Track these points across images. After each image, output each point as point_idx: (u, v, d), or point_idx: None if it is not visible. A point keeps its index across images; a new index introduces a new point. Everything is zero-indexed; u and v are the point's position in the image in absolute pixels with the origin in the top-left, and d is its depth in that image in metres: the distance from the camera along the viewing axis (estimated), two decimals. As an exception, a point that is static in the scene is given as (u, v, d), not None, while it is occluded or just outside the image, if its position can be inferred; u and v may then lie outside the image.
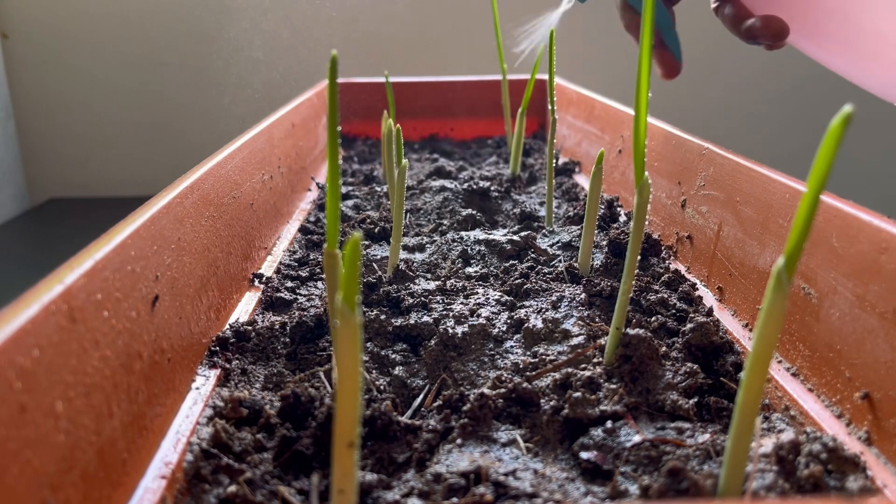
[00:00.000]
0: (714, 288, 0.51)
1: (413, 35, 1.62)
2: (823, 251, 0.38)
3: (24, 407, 0.23)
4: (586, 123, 0.90)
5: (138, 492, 0.29)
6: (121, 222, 0.34)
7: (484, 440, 0.34)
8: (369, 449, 0.33)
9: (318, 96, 0.97)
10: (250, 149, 0.60)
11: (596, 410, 0.35)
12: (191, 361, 0.39)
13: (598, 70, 1.58)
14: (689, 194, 0.57)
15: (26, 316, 0.24)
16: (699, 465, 0.31)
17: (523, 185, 0.81)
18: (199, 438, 0.33)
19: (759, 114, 1.65)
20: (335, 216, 0.31)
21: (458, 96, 1.15)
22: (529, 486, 0.30)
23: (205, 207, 0.45)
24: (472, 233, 0.63)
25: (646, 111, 0.35)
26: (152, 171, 1.64)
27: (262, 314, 0.48)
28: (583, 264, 0.53)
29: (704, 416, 0.37)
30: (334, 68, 0.27)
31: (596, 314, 0.46)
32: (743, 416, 0.27)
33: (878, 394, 0.32)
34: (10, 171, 1.57)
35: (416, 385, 0.41)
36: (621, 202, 0.70)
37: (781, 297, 0.26)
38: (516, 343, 0.43)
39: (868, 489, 0.29)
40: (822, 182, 0.24)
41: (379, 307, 0.47)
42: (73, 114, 1.61)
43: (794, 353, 0.40)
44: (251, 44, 1.59)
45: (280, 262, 0.57)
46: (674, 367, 0.39)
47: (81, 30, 1.57)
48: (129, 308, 0.32)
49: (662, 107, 1.14)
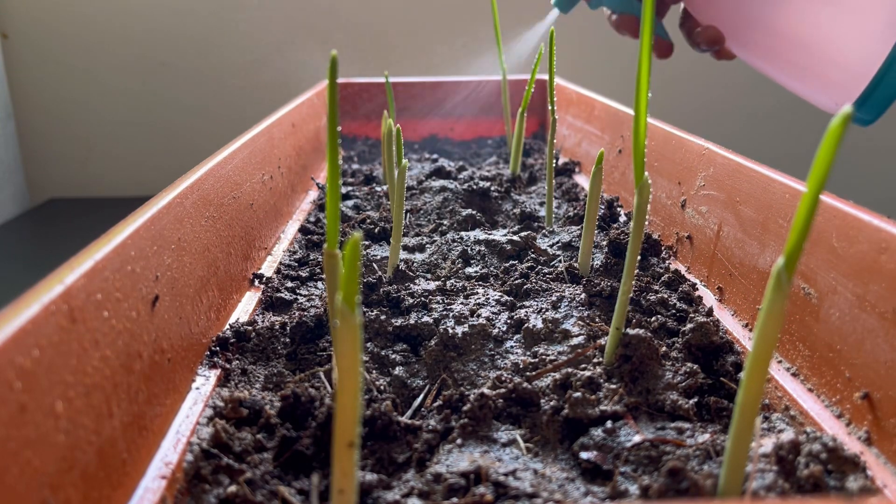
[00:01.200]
0: (714, 288, 0.51)
1: (413, 35, 1.62)
2: (823, 251, 0.38)
3: (24, 407, 0.23)
4: (586, 123, 0.90)
5: (138, 492, 0.29)
6: (121, 222, 0.34)
7: (484, 440, 0.34)
8: (369, 449, 0.33)
9: (318, 96, 0.97)
10: (250, 149, 0.60)
11: (596, 410, 0.35)
12: (191, 361, 0.39)
13: (598, 70, 1.58)
14: (689, 194, 0.57)
15: (26, 316, 0.24)
16: (699, 465, 0.31)
17: (523, 185, 0.81)
18: (199, 438, 0.33)
19: (759, 114, 1.65)
20: (335, 216, 0.31)
21: (458, 96, 1.15)
22: (529, 486, 0.30)
23: (205, 207, 0.45)
24: (472, 233, 0.63)
25: (646, 111, 0.35)
26: (152, 171, 1.64)
27: (262, 314, 0.48)
28: (583, 264, 0.53)
29: (704, 416, 0.37)
30: (334, 68, 0.27)
31: (596, 314, 0.46)
32: (743, 416, 0.27)
33: (878, 394, 0.32)
34: (10, 171, 1.57)
35: (416, 385, 0.41)
36: (621, 202, 0.70)
37: (781, 297, 0.26)
38: (516, 343, 0.43)
39: (868, 489, 0.29)
40: (822, 182, 0.24)
41: (379, 307, 0.48)
42: (73, 114, 1.61)
43: (794, 353, 0.40)
44: (251, 44, 1.60)
45: (280, 263, 0.57)
46: (674, 367, 0.39)
47: (81, 30, 1.57)
48: (130, 308, 0.32)
49: (662, 107, 1.14)
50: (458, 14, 1.60)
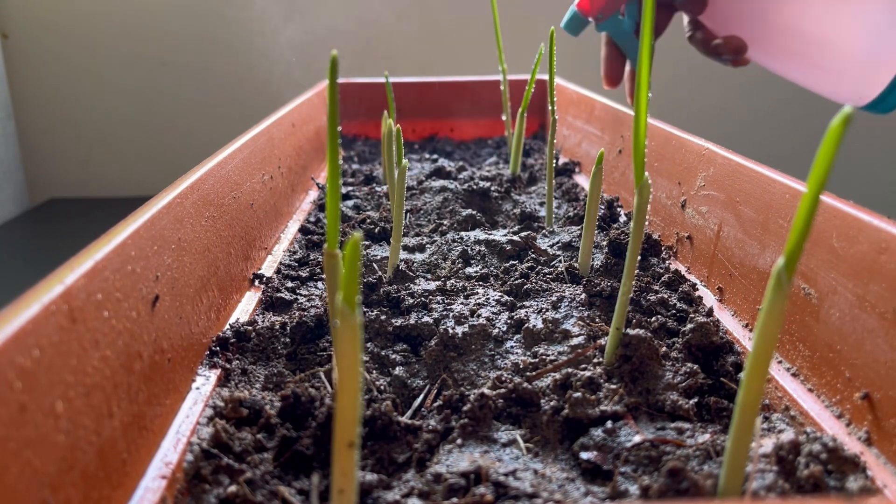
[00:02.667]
0: (714, 288, 0.51)
1: (414, 35, 1.62)
2: (823, 251, 0.38)
3: (24, 407, 0.23)
4: (586, 123, 0.90)
5: (138, 492, 0.29)
6: (121, 222, 0.34)
7: (484, 440, 0.34)
8: (369, 449, 0.33)
9: (319, 96, 0.97)
10: (250, 149, 0.60)
11: (596, 410, 0.35)
12: (191, 361, 0.39)
13: (598, 70, 1.58)
14: (689, 194, 0.57)
15: (26, 316, 0.24)
16: (699, 465, 0.31)
17: (523, 186, 0.81)
18: (199, 438, 0.33)
19: (759, 114, 1.65)
20: (335, 216, 0.31)
21: (458, 96, 1.15)
22: (529, 487, 0.30)
23: (205, 207, 0.45)
24: (472, 233, 0.63)
25: (646, 111, 0.35)
26: (152, 171, 1.64)
27: (262, 314, 0.48)
28: (583, 264, 0.53)
29: (704, 416, 0.37)
30: (335, 68, 0.27)
31: (596, 314, 0.46)
32: (743, 416, 0.27)
33: (878, 394, 0.32)
34: (10, 170, 1.57)
35: (416, 385, 0.41)
36: (621, 202, 0.70)
37: (781, 297, 0.26)
38: (516, 343, 0.43)
39: (868, 489, 0.29)
40: (822, 182, 0.24)
41: (379, 307, 0.48)
42: (74, 113, 1.61)
43: (794, 353, 0.40)
44: (251, 44, 1.60)
45: (280, 263, 0.57)
46: (674, 368, 0.39)
47: (82, 29, 1.57)
48: (130, 308, 0.32)
49: (663, 107, 1.14)
50: (458, 14, 1.60)
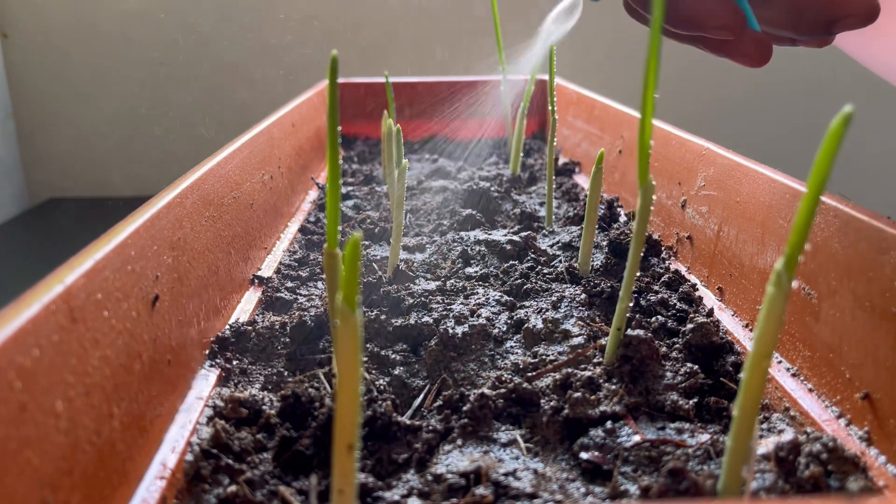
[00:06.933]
0: (714, 288, 0.51)
1: (414, 35, 1.62)
2: (823, 251, 0.38)
3: (24, 407, 0.23)
4: (586, 124, 0.90)
5: (139, 492, 0.29)
6: (121, 222, 0.34)
7: (484, 440, 0.34)
8: (369, 449, 0.33)
9: (319, 96, 0.97)
10: (250, 149, 0.60)
11: (596, 411, 0.35)
12: (191, 361, 0.39)
13: (598, 70, 1.58)
14: (689, 194, 0.57)
15: (26, 316, 0.24)
16: (699, 465, 0.31)
17: (523, 186, 0.81)
18: (199, 438, 0.33)
19: (759, 114, 1.65)
20: (335, 216, 0.31)
21: (459, 96, 1.15)
22: (529, 487, 0.30)
23: (205, 207, 0.45)
24: (472, 233, 0.63)
25: (651, 111, 0.34)
26: (152, 171, 1.64)
27: (262, 314, 0.48)
28: (583, 265, 0.53)
29: (704, 416, 0.37)
30: (335, 68, 0.27)
31: (596, 314, 0.46)
32: (743, 416, 0.27)
33: (878, 394, 0.32)
34: (10, 171, 1.57)
35: (416, 385, 0.41)
36: (621, 203, 0.70)
37: (781, 297, 0.26)
38: (516, 343, 0.43)
39: (868, 489, 0.29)
40: (823, 182, 0.24)
41: (379, 307, 0.47)
42: (73, 114, 1.61)
43: (794, 353, 0.40)
44: (251, 44, 1.60)
45: (280, 263, 0.57)
46: (674, 368, 0.39)
47: (81, 30, 1.57)
48: (130, 308, 0.32)
49: (663, 107, 1.14)
50: (458, 14, 1.60)
